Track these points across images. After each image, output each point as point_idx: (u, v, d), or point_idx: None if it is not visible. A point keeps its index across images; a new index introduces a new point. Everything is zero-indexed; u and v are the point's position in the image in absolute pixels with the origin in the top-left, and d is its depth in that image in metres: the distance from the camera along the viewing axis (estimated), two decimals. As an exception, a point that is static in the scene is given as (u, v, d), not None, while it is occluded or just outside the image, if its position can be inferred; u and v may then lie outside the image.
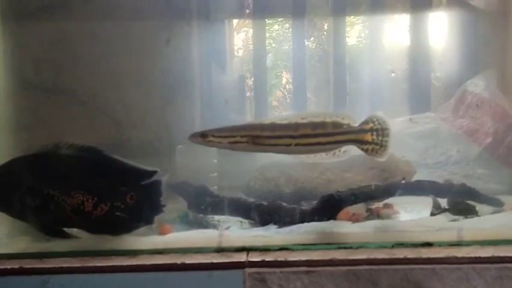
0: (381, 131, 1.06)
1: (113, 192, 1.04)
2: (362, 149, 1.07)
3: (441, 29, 1.98)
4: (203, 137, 1.10)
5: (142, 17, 1.66)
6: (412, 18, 1.92)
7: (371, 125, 1.07)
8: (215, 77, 1.91)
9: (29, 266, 0.94)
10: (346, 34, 1.98)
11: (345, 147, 1.08)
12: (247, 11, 1.91)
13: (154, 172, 1.08)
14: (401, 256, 0.94)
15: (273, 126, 1.08)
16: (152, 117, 1.68)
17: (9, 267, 0.94)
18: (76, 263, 0.96)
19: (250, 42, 2.06)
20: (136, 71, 1.68)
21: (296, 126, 1.07)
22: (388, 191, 1.11)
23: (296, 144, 1.07)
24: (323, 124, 1.06)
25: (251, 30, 2.00)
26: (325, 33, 2.28)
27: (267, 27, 2.01)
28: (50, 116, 1.62)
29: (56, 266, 0.94)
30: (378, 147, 1.07)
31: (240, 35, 2.16)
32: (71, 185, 1.03)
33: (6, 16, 1.52)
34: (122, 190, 1.05)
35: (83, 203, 1.02)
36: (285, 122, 1.08)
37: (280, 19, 2.26)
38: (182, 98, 1.76)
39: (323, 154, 1.09)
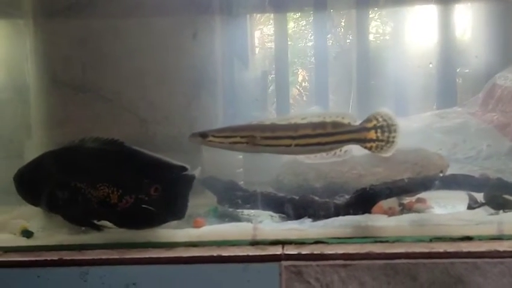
0: (387, 127, 1.05)
1: (138, 185, 1.05)
2: (365, 147, 1.07)
3: (468, 21, 1.94)
4: (203, 136, 1.10)
5: (166, 13, 1.67)
6: (438, 10, 1.89)
7: (374, 122, 1.06)
8: (238, 73, 1.90)
9: (69, 258, 0.95)
10: (368, 29, 1.96)
11: (346, 147, 1.08)
12: (268, 6, 1.90)
13: (182, 167, 1.08)
14: (441, 250, 0.93)
15: (273, 127, 1.08)
16: (177, 113, 1.68)
17: (49, 258, 0.95)
18: (114, 254, 0.96)
19: (271, 39, 2.06)
20: (161, 68, 1.69)
21: (296, 126, 1.07)
22: (423, 184, 1.09)
23: (296, 145, 1.06)
24: (322, 124, 1.06)
25: (272, 25, 2.00)
26: (342, 29, 2.26)
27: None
28: (78, 113, 1.64)
29: (95, 257, 0.95)
30: (383, 143, 1.06)
31: (261, 31, 2.16)
32: (96, 177, 1.04)
33: (37, 15, 1.54)
34: (146, 182, 1.05)
35: (109, 195, 1.03)
36: (284, 122, 1.08)
37: (298, 14, 2.25)
38: (206, 94, 1.76)
39: (323, 154, 1.09)
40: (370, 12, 1.98)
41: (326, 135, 1.06)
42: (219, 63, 1.83)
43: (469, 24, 1.93)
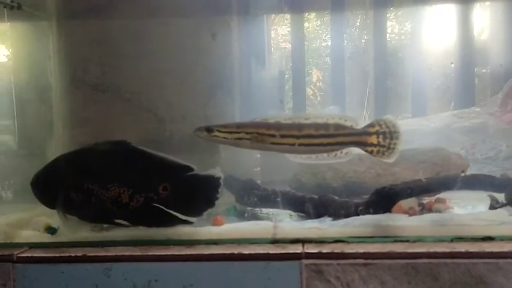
0: (390, 134, 1.06)
1: (147, 184, 1.07)
2: (366, 151, 1.07)
3: (487, 20, 1.92)
4: (208, 131, 1.10)
5: (184, 14, 1.68)
6: (455, 9, 1.87)
7: (377, 128, 1.07)
8: (255, 72, 1.91)
9: (93, 254, 0.97)
10: (385, 28, 1.95)
11: (347, 149, 1.09)
12: (285, 6, 1.90)
13: (188, 167, 1.10)
14: (462, 250, 0.92)
15: (278, 125, 1.08)
16: (194, 113, 1.70)
17: (73, 254, 0.97)
18: (136, 251, 0.98)
19: (287, 39, 2.06)
20: (179, 68, 1.70)
21: (300, 126, 1.08)
22: (445, 184, 1.09)
23: (300, 144, 1.07)
24: (325, 125, 1.07)
25: (289, 26, 2.00)
26: (357, 29, 2.25)
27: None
28: (98, 112, 1.67)
29: (118, 254, 0.97)
30: (385, 149, 1.06)
31: (276, 31, 2.16)
32: (107, 178, 1.06)
33: (60, 16, 1.57)
34: (154, 181, 1.07)
35: (120, 195, 1.05)
36: (288, 121, 1.09)
37: (313, 14, 2.25)
38: (223, 94, 1.77)
39: (324, 155, 1.09)
40: (386, 12, 1.97)
41: (328, 137, 1.07)
42: (236, 63, 1.84)
43: (487, 23, 1.91)
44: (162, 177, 1.07)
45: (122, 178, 1.06)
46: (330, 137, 1.07)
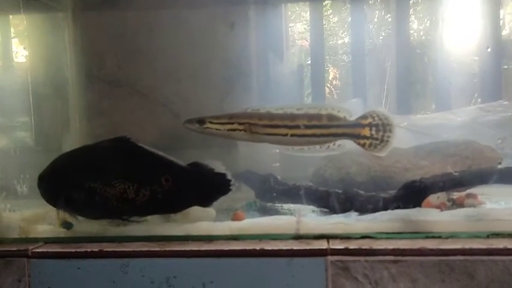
0: (383, 127, 1.03)
1: (150, 177, 1.04)
2: (358, 144, 1.05)
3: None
4: (200, 123, 1.08)
5: (200, 6, 1.65)
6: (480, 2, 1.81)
7: (370, 120, 1.04)
8: (273, 67, 1.87)
9: (109, 250, 0.93)
10: (408, 24, 1.90)
11: (339, 141, 1.07)
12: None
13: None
14: (500, 246, 0.86)
15: (271, 115, 1.06)
16: (210, 108, 1.66)
17: (89, 250, 0.94)
18: (154, 247, 0.94)
19: (304, 36, 2.02)
20: (195, 63, 1.67)
21: (292, 116, 1.05)
22: (479, 177, 1.02)
23: (292, 135, 1.05)
24: (318, 116, 1.05)
25: (306, 23, 1.96)
26: (375, 25, 2.20)
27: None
28: (114, 108, 1.65)
29: (136, 249, 0.93)
30: (378, 142, 1.04)
31: (294, 28, 2.12)
32: (110, 175, 1.03)
33: (75, 8, 1.55)
34: (156, 174, 1.04)
35: (125, 191, 1.02)
36: (280, 112, 1.06)
37: (330, 11, 2.20)
38: (239, 89, 1.74)
39: (317, 147, 1.07)
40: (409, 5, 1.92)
41: (320, 127, 1.05)
42: (253, 57, 1.80)
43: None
44: (163, 170, 1.05)
45: (126, 174, 1.03)
46: (323, 128, 1.05)
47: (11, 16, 1.62)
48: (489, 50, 1.78)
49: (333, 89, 2.35)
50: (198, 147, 1.62)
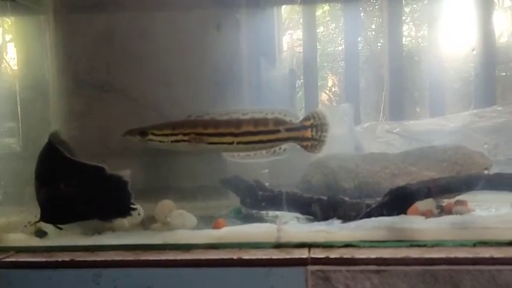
0: (321, 127, 1.03)
1: (52, 180, 1.03)
2: (302, 146, 1.04)
3: (506, 19, 1.85)
4: (142, 134, 1.05)
5: (191, 9, 1.63)
6: (474, 4, 1.79)
7: (312, 121, 1.04)
8: (264, 71, 1.84)
9: (81, 259, 0.90)
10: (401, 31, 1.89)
11: (285, 145, 1.05)
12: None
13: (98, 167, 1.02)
14: (487, 255, 0.83)
15: (216, 123, 1.03)
16: (201, 113, 1.63)
17: (60, 259, 0.90)
18: (128, 256, 0.91)
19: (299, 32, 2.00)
20: (186, 67, 1.65)
21: (238, 122, 1.02)
22: (466, 184, 0.99)
23: (238, 142, 1.03)
24: (264, 121, 1.02)
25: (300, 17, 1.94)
26: (373, 32, 2.19)
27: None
28: (102, 112, 1.62)
29: (109, 259, 0.90)
30: (316, 142, 1.04)
31: (289, 26, 2.10)
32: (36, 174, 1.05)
33: (59, 11, 1.52)
34: (57, 178, 1.02)
35: (39, 191, 1.03)
36: (225, 117, 1.04)
37: (328, 18, 2.19)
38: (231, 93, 1.71)
39: (263, 152, 1.05)
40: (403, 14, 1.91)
41: (267, 133, 1.03)
42: (244, 61, 1.78)
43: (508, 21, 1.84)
44: (68, 175, 1.03)
45: (39, 174, 1.04)
46: (270, 133, 1.03)
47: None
48: (474, 52, 1.76)
49: (332, 96, 2.33)
50: (187, 153, 1.59)
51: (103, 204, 1.02)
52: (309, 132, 1.03)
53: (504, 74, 1.90)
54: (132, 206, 1.01)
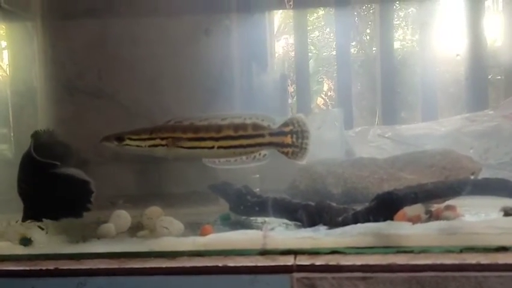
0: (301, 133, 1.02)
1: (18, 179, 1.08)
2: (283, 153, 1.04)
3: (500, 23, 1.85)
4: (119, 140, 1.04)
5: (181, 15, 1.63)
6: (467, 9, 1.79)
7: (291, 127, 1.03)
8: (255, 76, 1.84)
9: (65, 267, 0.89)
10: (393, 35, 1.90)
11: (265, 151, 1.05)
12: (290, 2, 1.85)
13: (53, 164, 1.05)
14: (473, 262, 0.82)
15: (195, 128, 1.03)
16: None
17: (44, 268, 0.89)
18: (113, 264, 0.90)
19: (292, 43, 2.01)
20: (177, 73, 1.65)
21: (218, 127, 1.02)
22: (453, 189, 0.98)
23: (219, 147, 1.03)
24: (243, 126, 1.02)
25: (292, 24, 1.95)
26: (368, 37, 2.20)
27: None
28: (92, 119, 1.62)
29: (93, 267, 0.89)
30: (298, 150, 1.03)
31: (284, 31, 2.11)
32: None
33: (47, 17, 1.52)
34: (19, 176, 1.06)
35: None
36: (205, 123, 1.03)
37: (323, 22, 2.19)
38: (222, 99, 1.71)
39: (243, 158, 1.05)
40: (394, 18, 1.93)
41: (247, 138, 1.03)
42: (236, 67, 1.78)
43: (501, 25, 1.84)
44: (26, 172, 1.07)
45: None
46: (250, 138, 1.02)
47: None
48: (459, 57, 1.77)
49: (328, 100, 2.33)
50: (179, 159, 1.58)
51: (56, 203, 1.03)
52: (288, 139, 1.02)
53: (499, 77, 1.91)
54: (88, 206, 1.03)
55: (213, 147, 1.03)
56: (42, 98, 1.56)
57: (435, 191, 0.98)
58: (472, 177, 1.06)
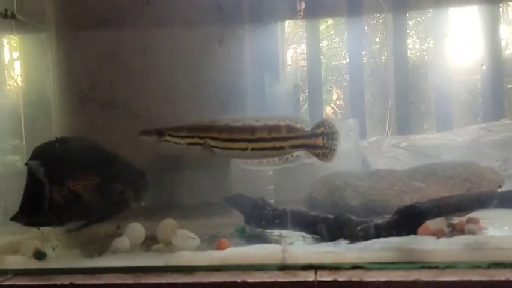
0: (331, 135, 1.03)
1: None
2: (314, 154, 1.03)
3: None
4: (159, 135, 1.04)
5: (194, 26, 1.63)
6: (481, 16, 1.77)
7: (322, 129, 1.03)
8: (268, 86, 1.83)
9: (80, 282, 0.87)
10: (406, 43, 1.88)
11: (297, 153, 1.05)
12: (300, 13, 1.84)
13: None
14: (502, 278, 0.79)
15: (230, 128, 1.03)
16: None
17: (59, 283, 0.87)
18: (128, 279, 0.88)
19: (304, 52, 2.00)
20: (189, 83, 1.64)
21: (252, 129, 1.02)
22: (478, 201, 0.95)
23: (252, 149, 1.02)
24: (277, 127, 1.02)
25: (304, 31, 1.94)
26: (377, 46, 2.19)
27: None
28: (106, 129, 1.61)
29: (108, 282, 0.87)
30: (328, 151, 1.03)
31: (293, 41, 2.10)
32: None
33: (61, 29, 1.52)
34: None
35: None
36: (239, 124, 1.03)
37: (332, 32, 2.18)
38: (235, 109, 1.70)
39: (276, 159, 1.05)
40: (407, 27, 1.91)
41: (280, 140, 1.03)
42: (248, 77, 1.77)
43: None
44: None
45: None
46: (283, 140, 1.02)
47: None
48: (484, 67, 1.74)
49: (337, 109, 2.31)
50: (191, 168, 1.57)
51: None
52: (320, 140, 1.02)
53: (510, 86, 1.88)
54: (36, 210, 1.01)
55: (246, 149, 1.02)
56: (56, 108, 1.56)
57: (459, 204, 0.95)
58: (499, 190, 1.03)
